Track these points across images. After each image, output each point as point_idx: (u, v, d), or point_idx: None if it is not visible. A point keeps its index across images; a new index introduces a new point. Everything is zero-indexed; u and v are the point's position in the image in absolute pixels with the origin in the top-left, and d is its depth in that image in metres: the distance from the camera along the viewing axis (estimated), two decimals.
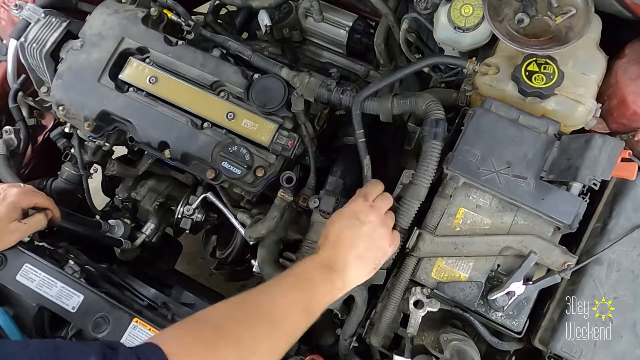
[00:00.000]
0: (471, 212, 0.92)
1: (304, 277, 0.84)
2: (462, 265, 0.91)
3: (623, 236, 0.90)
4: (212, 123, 1.12)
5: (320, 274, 0.84)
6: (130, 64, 1.14)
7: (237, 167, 1.06)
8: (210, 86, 1.13)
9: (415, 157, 1.10)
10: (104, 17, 1.16)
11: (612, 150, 0.85)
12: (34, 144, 1.35)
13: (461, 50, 1.10)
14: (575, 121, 0.96)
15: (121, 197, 1.35)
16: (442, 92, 1.12)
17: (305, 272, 0.84)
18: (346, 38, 1.37)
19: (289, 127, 1.11)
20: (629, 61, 0.97)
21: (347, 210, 0.91)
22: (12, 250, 1.01)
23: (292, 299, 0.80)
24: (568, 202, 0.86)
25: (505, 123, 0.92)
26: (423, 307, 0.90)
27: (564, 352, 0.87)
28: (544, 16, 0.95)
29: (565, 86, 0.94)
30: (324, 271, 0.85)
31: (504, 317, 0.88)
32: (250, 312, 0.76)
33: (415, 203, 0.92)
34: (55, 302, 0.99)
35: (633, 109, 0.94)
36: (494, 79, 0.99)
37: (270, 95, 1.09)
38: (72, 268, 1.06)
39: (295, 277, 0.84)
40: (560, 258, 0.87)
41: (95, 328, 0.96)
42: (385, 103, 1.03)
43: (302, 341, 1.11)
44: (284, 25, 1.37)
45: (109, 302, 0.99)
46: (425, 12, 1.11)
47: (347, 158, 1.15)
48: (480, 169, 0.90)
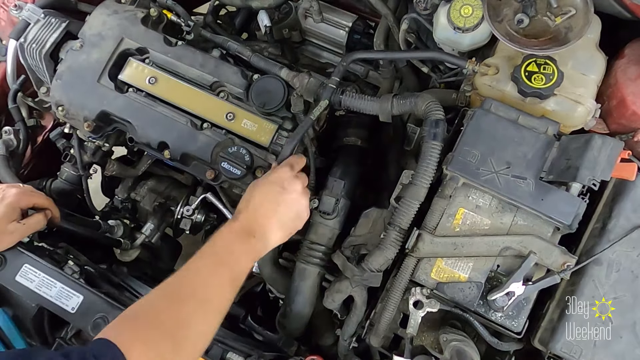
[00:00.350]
0: (471, 213, 0.92)
1: (226, 249, 0.85)
2: (462, 265, 0.91)
3: (623, 236, 0.90)
4: (212, 123, 1.12)
5: (241, 243, 0.86)
6: (129, 65, 1.14)
7: (236, 167, 1.06)
8: (209, 86, 1.13)
9: (415, 158, 1.11)
10: (104, 17, 1.16)
11: (611, 151, 0.85)
12: (34, 145, 1.35)
13: (461, 50, 1.10)
14: (574, 121, 0.96)
15: (121, 198, 1.35)
16: (441, 93, 1.13)
17: (226, 245, 0.86)
18: (346, 38, 1.37)
19: (288, 127, 1.11)
20: (628, 61, 0.97)
21: (274, 176, 0.93)
22: (12, 251, 1.01)
23: (216, 274, 0.82)
24: (568, 203, 0.86)
25: (505, 123, 0.92)
26: (423, 307, 0.90)
27: (564, 352, 0.87)
28: (543, 17, 0.95)
29: (564, 86, 0.94)
30: (245, 239, 0.87)
31: (504, 317, 0.88)
32: (177, 297, 0.78)
33: (414, 203, 0.92)
34: (55, 303, 0.99)
35: (632, 109, 0.94)
36: (493, 80, 0.99)
37: (269, 95, 1.09)
38: (71, 269, 1.06)
39: (216, 252, 0.85)
40: (560, 258, 0.87)
41: (94, 328, 0.96)
42: (384, 103, 1.03)
43: (302, 341, 1.11)
44: (284, 25, 1.37)
45: (108, 302, 0.99)
46: (424, 13, 1.11)
47: (347, 158, 1.15)
48: (480, 169, 0.90)
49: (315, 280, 1.07)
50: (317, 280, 1.07)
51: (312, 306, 1.08)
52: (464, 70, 1.03)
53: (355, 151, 1.16)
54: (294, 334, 1.10)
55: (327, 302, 1.03)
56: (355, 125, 1.17)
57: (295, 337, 1.11)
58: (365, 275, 0.96)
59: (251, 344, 1.04)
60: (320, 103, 1.01)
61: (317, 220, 1.07)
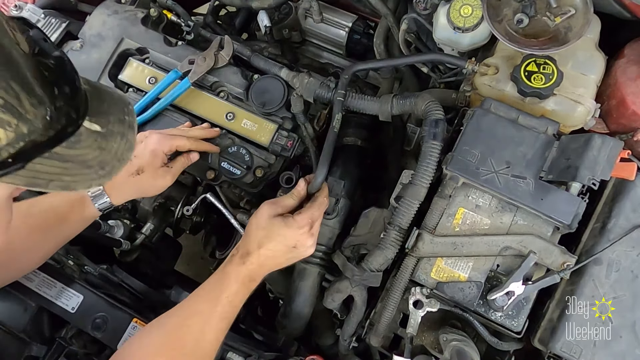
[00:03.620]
0: (470, 212, 0.92)
1: (232, 303, 0.87)
2: (462, 265, 0.91)
3: (622, 236, 0.90)
4: (212, 123, 1.12)
5: (244, 291, 0.89)
6: (129, 65, 1.14)
7: (236, 167, 1.06)
8: (210, 86, 1.13)
9: (414, 158, 1.11)
10: (104, 17, 1.16)
11: (611, 151, 0.85)
12: None
13: (460, 50, 1.10)
14: (574, 121, 0.96)
15: None
16: (441, 93, 1.13)
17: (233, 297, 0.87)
18: (346, 39, 1.37)
19: (288, 127, 1.11)
20: (628, 61, 0.97)
21: (291, 235, 0.91)
22: None
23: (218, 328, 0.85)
24: (567, 202, 0.86)
25: (505, 123, 0.92)
26: (422, 307, 0.90)
27: (564, 352, 0.87)
28: (543, 16, 0.95)
29: (564, 86, 0.94)
30: (248, 285, 0.89)
31: (504, 317, 0.88)
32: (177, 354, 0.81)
33: (414, 203, 0.92)
34: (55, 303, 0.99)
35: (632, 109, 0.94)
36: (493, 79, 0.99)
37: (269, 95, 1.09)
38: (71, 268, 1.06)
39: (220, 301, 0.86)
40: (560, 258, 0.87)
41: (94, 328, 0.96)
42: (384, 103, 1.03)
43: (302, 341, 1.11)
44: (284, 25, 1.37)
45: (108, 302, 0.99)
46: (424, 13, 1.11)
47: (347, 159, 1.15)
48: (480, 169, 0.90)
49: (315, 280, 1.07)
50: (317, 280, 1.07)
51: (312, 306, 1.08)
52: (464, 70, 1.03)
53: (355, 151, 1.16)
54: (294, 334, 1.10)
55: (327, 302, 1.03)
56: (355, 125, 1.17)
57: (295, 337, 1.11)
58: (365, 275, 0.96)
59: (251, 344, 1.04)
60: (337, 117, 1.02)
61: None
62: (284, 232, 0.91)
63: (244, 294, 0.89)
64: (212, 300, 0.86)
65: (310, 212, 0.94)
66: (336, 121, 1.02)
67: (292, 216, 0.93)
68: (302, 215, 0.93)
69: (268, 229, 0.91)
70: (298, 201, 0.97)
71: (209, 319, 0.84)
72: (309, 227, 0.93)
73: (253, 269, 0.90)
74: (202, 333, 0.83)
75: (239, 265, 0.89)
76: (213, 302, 0.86)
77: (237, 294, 0.88)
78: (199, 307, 0.85)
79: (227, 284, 0.87)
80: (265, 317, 1.29)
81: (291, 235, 0.91)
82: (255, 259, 0.90)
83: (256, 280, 0.91)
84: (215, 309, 0.85)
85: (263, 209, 0.94)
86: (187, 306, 0.86)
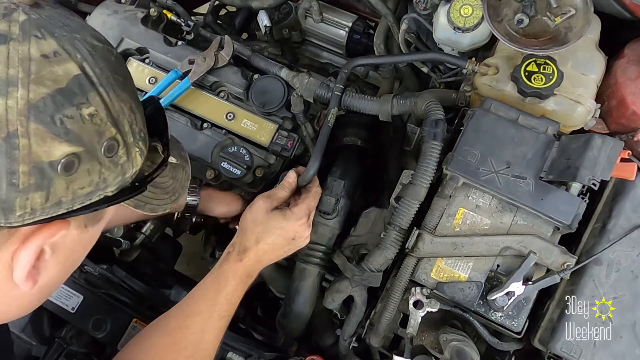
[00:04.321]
0: (471, 212, 0.92)
1: (230, 301, 0.88)
2: (462, 265, 0.91)
3: (622, 236, 0.90)
4: (212, 123, 1.12)
5: (242, 287, 0.89)
6: (129, 64, 1.14)
7: (236, 167, 1.06)
8: (210, 86, 1.13)
9: (414, 158, 1.11)
10: (104, 17, 1.16)
11: (611, 151, 0.85)
12: None
13: (460, 50, 1.10)
14: (574, 121, 0.96)
15: None
16: (441, 93, 1.12)
17: (231, 295, 0.88)
18: (346, 38, 1.37)
19: (288, 127, 1.11)
20: (628, 61, 0.97)
21: (291, 227, 0.93)
22: None
23: (217, 327, 0.85)
24: (567, 202, 0.86)
25: (505, 123, 0.92)
26: (422, 307, 0.90)
27: (564, 352, 0.87)
28: (543, 17, 0.95)
29: (564, 86, 0.94)
30: (245, 282, 0.90)
31: (504, 317, 0.88)
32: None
33: (414, 203, 0.92)
34: (55, 303, 0.99)
35: (632, 109, 0.94)
36: (493, 79, 0.99)
37: (269, 95, 1.09)
38: None
39: (217, 301, 0.86)
40: (560, 258, 0.87)
41: (94, 328, 0.96)
42: (384, 103, 1.03)
43: (302, 341, 1.11)
44: (284, 25, 1.37)
45: (108, 302, 0.99)
46: (424, 13, 1.11)
47: (347, 158, 1.15)
48: (480, 169, 0.90)
49: (315, 280, 1.07)
50: (317, 280, 1.07)
51: (312, 306, 1.08)
52: (464, 70, 1.03)
53: (355, 151, 1.16)
54: (294, 333, 1.10)
55: (327, 302, 1.03)
56: (355, 125, 1.17)
57: (295, 337, 1.11)
58: (365, 275, 0.96)
59: (251, 344, 1.04)
60: (332, 111, 1.02)
61: (317, 220, 1.07)
62: (283, 225, 0.92)
63: (242, 291, 0.90)
64: (210, 300, 0.86)
65: (306, 202, 0.96)
66: (331, 116, 1.02)
67: (289, 209, 0.95)
68: (300, 207, 0.95)
69: (266, 223, 0.92)
70: (290, 193, 0.99)
71: (208, 319, 0.84)
72: (306, 217, 0.95)
73: (251, 265, 0.90)
74: (202, 333, 0.83)
75: (237, 262, 0.89)
76: (211, 301, 0.86)
77: (235, 291, 0.88)
78: (198, 307, 0.85)
79: (224, 283, 0.87)
80: (265, 317, 1.29)
81: (290, 227, 0.93)
82: (253, 255, 0.90)
83: (253, 276, 0.92)
84: (214, 308, 0.85)
85: (258, 203, 0.94)
86: (185, 307, 0.86)
